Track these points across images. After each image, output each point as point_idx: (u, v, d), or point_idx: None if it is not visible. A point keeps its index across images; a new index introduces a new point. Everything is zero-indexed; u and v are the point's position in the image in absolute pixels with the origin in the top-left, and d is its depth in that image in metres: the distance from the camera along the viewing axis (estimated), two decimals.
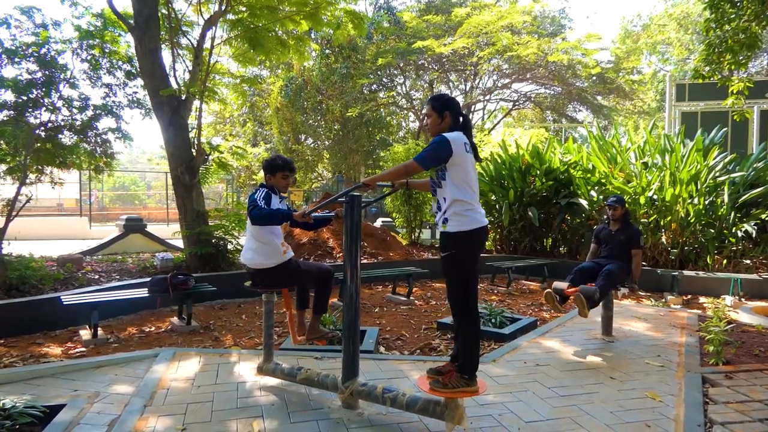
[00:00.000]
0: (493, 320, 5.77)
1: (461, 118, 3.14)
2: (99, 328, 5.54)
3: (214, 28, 8.56)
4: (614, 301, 7.61)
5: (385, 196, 3.99)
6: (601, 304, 5.28)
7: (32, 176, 8.20)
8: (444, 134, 3.02)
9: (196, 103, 8.45)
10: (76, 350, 5.00)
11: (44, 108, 7.86)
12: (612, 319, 5.34)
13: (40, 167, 8.10)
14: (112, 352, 4.91)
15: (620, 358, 4.56)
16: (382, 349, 5.13)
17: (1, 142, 7.63)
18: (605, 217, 5.60)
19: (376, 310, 6.90)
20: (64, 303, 5.26)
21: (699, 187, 9.08)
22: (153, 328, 5.82)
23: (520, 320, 5.90)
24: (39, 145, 7.81)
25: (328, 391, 3.48)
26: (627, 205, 9.41)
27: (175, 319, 6.01)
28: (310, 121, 20.88)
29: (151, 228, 13.27)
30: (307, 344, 4.45)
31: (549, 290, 5.02)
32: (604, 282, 4.87)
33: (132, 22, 8.02)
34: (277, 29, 9.74)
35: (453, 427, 2.93)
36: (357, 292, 3.30)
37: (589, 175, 10.07)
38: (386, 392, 3.14)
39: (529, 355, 4.60)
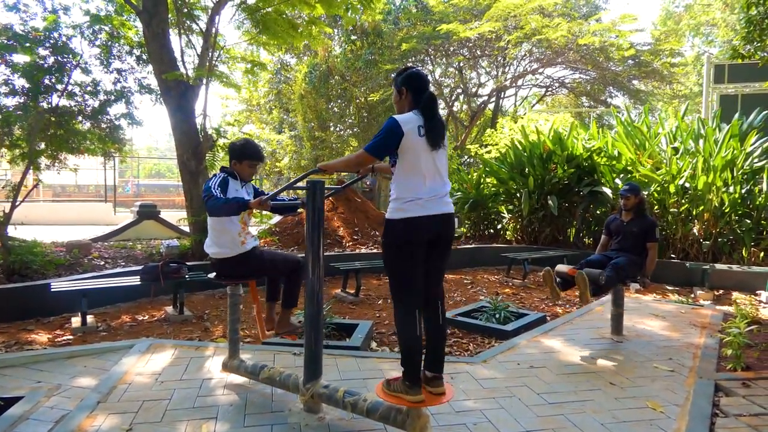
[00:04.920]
0: (497, 315, 5.42)
1: (425, 97, 2.81)
2: (92, 316, 5.47)
3: (220, 12, 8.35)
4: (635, 296, 7.20)
5: (353, 183, 3.68)
6: (611, 301, 4.89)
7: (47, 162, 8.25)
8: (394, 116, 2.72)
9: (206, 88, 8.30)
10: (63, 338, 4.92)
11: (55, 93, 7.83)
12: (622, 317, 4.91)
13: (54, 153, 8.11)
14: (98, 340, 4.80)
15: (626, 361, 4.16)
16: (374, 344, 4.86)
17: (15, 127, 7.64)
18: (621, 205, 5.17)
19: (380, 302, 6.64)
20: (53, 290, 5.17)
21: (735, 174, 8.45)
22: (146, 317, 5.71)
23: (526, 316, 5.54)
24: (52, 131, 7.82)
25: (291, 392, 3.23)
26: (656, 194, 8.96)
27: (170, 308, 5.89)
28: (335, 108, 20.62)
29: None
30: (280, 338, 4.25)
31: (548, 268, 4.63)
32: (612, 273, 4.47)
33: (139, 5, 7.89)
34: (289, 12, 9.49)
35: None
36: (320, 283, 3.03)
37: (614, 162, 9.52)
38: (347, 396, 2.87)
39: (525, 356, 4.24)
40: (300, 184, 3.13)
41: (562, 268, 4.70)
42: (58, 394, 3.35)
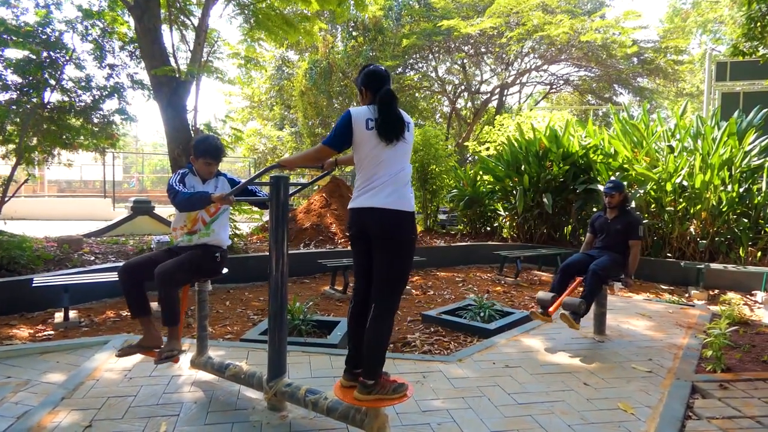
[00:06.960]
0: (482, 314, 5.36)
1: (381, 92, 2.76)
2: (76, 311, 5.47)
3: (210, 8, 8.31)
4: (627, 295, 7.11)
5: (320, 178, 3.64)
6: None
7: (40, 157, 8.28)
8: (349, 109, 2.75)
9: (197, 83, 8.27)
10: (44, 333, 4.91)
11: (48, 88, 7.83)
12: (605, 317, 4.85)
13: (47, 148, 8.12)
14: (79, 336, 4.78)
15: (604, 361, 4.09)
16: None
17: (7, 123, 7.66)
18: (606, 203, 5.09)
19: None
20: (34, 285, 5.16)
21: (733, 172, 8.34)
22: (130, 313, 5.67)
23: (512, 314, 5.47)
24: (45, 126, 7.82)
25: (256, 390, 3.20)
26: (652, 192, 8.85)
27: (155, 304, 5.85)
28: (336, 105, 20.58)
29: None
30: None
31: (533, 310, 4.70)
32: (590, 287, 4.46)
33: (131, 1, 7.86)
34: (284, 9, 9.44)
35: None
36: (284, 280, 2.99)
37: (610, 160, 9.42)
38: (309, 394, 2.83)
39: (502, 355, 4.18)
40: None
41: (543, 297, 4.65)
42: (25, 390, 3.34)
